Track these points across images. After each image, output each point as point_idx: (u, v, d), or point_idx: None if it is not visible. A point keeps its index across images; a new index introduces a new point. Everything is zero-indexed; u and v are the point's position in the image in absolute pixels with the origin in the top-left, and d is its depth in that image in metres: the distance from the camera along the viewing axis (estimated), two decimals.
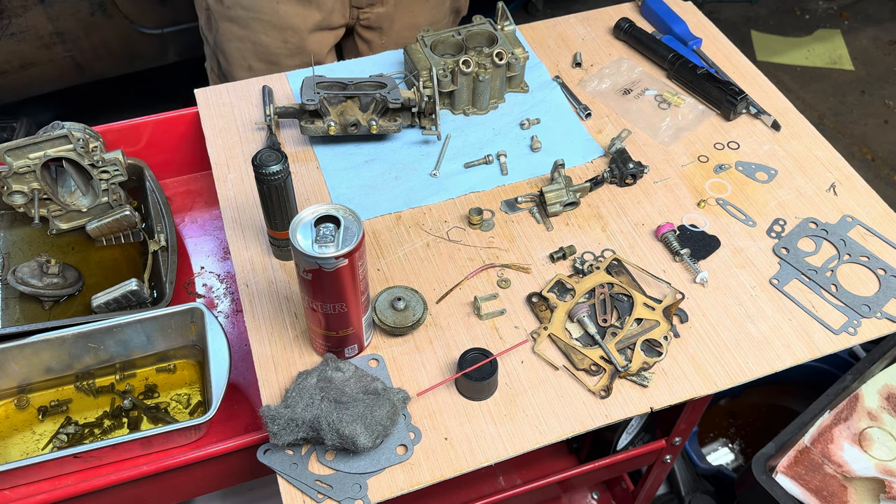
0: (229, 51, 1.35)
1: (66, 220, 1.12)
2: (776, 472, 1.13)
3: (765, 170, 1.10)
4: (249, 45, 1.33)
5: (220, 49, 1.37)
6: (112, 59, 2.28)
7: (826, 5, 3.18)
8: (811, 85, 2.86)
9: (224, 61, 1.39)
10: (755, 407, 1.79)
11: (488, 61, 1.14)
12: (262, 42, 1.32)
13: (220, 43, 1.36)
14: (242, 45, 1.33)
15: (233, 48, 1.35)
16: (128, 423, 0.97)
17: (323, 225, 0.78)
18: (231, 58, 1.36)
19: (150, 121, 1.17)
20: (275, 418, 0.80)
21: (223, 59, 1.39)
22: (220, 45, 1.36)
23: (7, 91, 2.20)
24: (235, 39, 1.33)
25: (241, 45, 1.34)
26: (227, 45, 1.35)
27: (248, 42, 1.33)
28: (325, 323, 0.84)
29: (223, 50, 1.36)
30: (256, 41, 1.32)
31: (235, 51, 1.34)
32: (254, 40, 1.32)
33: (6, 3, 2.00)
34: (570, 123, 1.16)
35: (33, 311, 1.05)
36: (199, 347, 1.01)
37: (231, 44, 1.34)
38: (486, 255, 1.00)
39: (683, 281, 0.98)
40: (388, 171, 1.10)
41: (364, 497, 0.80)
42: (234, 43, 1.34)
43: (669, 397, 0.87)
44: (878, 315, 0.95)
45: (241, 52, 1.34)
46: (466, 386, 0.86)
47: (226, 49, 1.36)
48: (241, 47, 1.34)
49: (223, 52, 1.37)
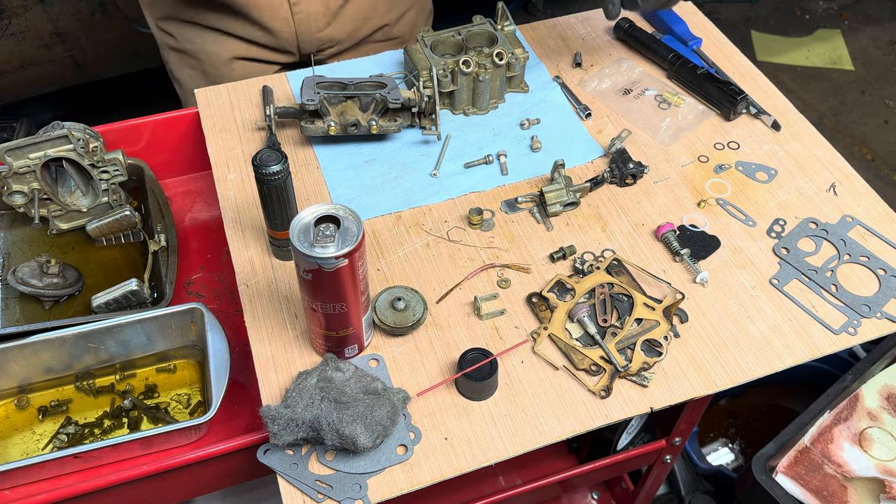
0: (182, 78, 1.38)
1: (66, 220, 1.12)
2: (776, 472, 1.13)
3: (765, 170, 1.10)
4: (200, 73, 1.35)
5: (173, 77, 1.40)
6: (112, 59, 2.28)
7: (826, 5, 3.18)
8: (811, 85, 2.86)
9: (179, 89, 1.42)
10: (755, 407, 1.79)
11: (488, 61, 1.14)
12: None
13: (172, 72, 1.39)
14: (194, 73, 1.36)
15: (185, 76, 1.37)
16: (128, 423, 0.97)
17: (323, 225, 0.78)
18: (185, 85, 1.38)
19: (150, 121, 1.17)
20: (275, 418, 0.80)
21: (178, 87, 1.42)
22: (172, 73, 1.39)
23: (7, 91, 2.21)
24: (187, 67, 1.36)
25: (192, 73, 1.36)
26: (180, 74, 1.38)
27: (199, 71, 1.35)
28: (325, 323, 0.84)
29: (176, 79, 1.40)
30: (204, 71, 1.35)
31: (188, 78, 1.37)
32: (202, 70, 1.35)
33: (6, 3, 2.00)
34: (570, 123, 1.16)
35: (33, 311, 1.05)
36: (199, 347, 1.01)
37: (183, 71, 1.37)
38: (486, 255, 1.00)
39: (683, 281, 0.98)
40: (388, 171, 1.10)
41: (364, 497, 0.80)
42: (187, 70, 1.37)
43: (669, 397, 0.87)
44: (878, 315, 0.95)
45: (193, 80, 1.36)
46: (466, 386, 0.86)
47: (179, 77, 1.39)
48: (193, 74, 1.36)
49: (177, 81, 1.40)
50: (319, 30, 1.30)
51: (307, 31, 1.29)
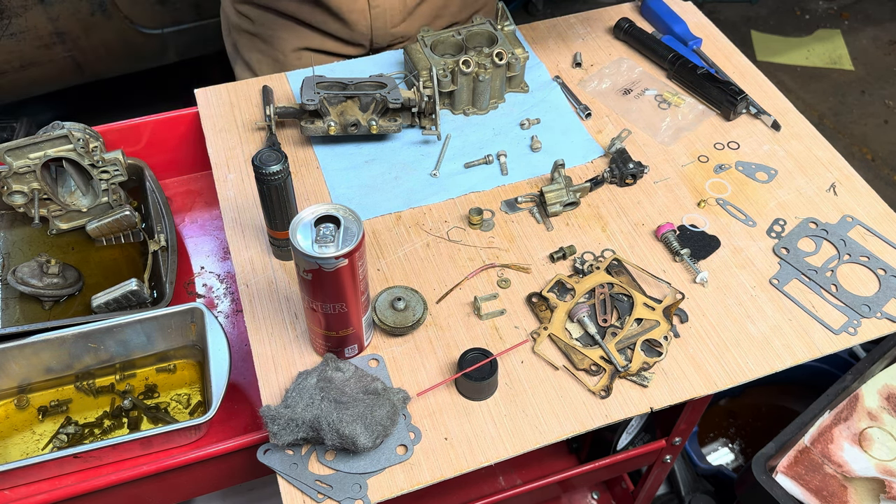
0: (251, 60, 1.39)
1: (66, 220, 1.12)
2: (776, 472, 1.13)
3: (765, 170, 1.10)
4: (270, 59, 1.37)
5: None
6: (112, 59, 2.28)
7: (826, 5, 3.18)
8: (811, 85, 2.86)
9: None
10: (755, 407, 1.79)
11: (488, 61, 1.14)
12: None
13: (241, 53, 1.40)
14: (262, 58, 1.37)
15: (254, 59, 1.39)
16: (128, 423, 0.97)
17: (323, 225, 0.78)
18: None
19: (150, 121, 1.17)
20: (275, 418, 0.80)
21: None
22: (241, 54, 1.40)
23: (7, 91, 2.20)
24: (257, 51, 1.37)
25: (260, 57, 1.38)
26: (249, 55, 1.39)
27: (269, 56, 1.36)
28: (325, 323, 0.84)
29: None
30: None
31: (256, 62, 1.38)
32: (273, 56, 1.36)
33: (6, 3, 2.00)
34: (570, 123, 1.16)
35: (33, 311, 1.05)
36: (199, 347, 1.01)
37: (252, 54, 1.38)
38: (486, 255, 1.00)
39: (683, 281, 0.98)
40: (388, 171, 1.10)
41: (364, 497, 0.80)
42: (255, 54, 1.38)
43: (669, 397, 0.87)
44: (878, 315, 0.95)
45: (260, 64, 1.38)
46: (466, 386, 0.86)
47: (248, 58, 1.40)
48: (261, 59, 1.38)
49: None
50: (394, 25, 1.32)
51: (382, 26, 1.31)
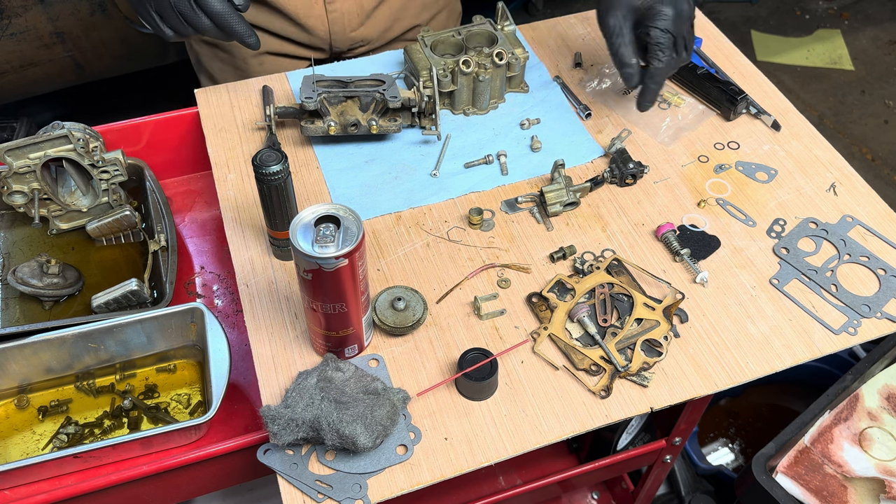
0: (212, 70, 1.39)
1: (66, 220, 1.12)
2: (776, 472, 1.13)
3: (765, 170, 1.10)
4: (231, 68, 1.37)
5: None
6: (112, 59, 2.28)
7: (826, 5, 3.18)
8: (811, 85, 2.86)
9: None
10: (755, 407, 1.79)
11: (488, 61, 1.14)
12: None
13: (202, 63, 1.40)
14: (224, 66, 1.37)
15: (215, 68, 1.38)
16: (128, 423, 0.97)
17: (323, 225, 0.78)
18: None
19: (150, 121, 1.17)
20: (275, 418, 0.80)
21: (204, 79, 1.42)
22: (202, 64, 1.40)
23: (7, 91, 2.21)
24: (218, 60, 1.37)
25: (222, 66, 1.37)
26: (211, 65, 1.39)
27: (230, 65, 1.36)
28: (325, 323, 0.84)
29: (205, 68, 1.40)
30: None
31: (218, 71, 1.38)
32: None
33: (6, 3, 2.00)
34: (570, 123, 1.16)
35: (33, 311, 1.05)
36: (199, 347, 1.01)
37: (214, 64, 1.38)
38: (486, 255, 1.00)
39: (683, 281, 0.98)
40: (388, 171, 1.10)
41: (364, 497, 0.80)
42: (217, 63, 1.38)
43: (669, 397, 0.87)
44: (878, 315, 0.95)
45: (223, 72, 1.38)
46: (466, 386, 0.86)
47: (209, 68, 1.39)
48: (223, 67, 1.37)
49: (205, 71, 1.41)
50: (353, 29, 1.32)
51: (340, 31, 1.31)
